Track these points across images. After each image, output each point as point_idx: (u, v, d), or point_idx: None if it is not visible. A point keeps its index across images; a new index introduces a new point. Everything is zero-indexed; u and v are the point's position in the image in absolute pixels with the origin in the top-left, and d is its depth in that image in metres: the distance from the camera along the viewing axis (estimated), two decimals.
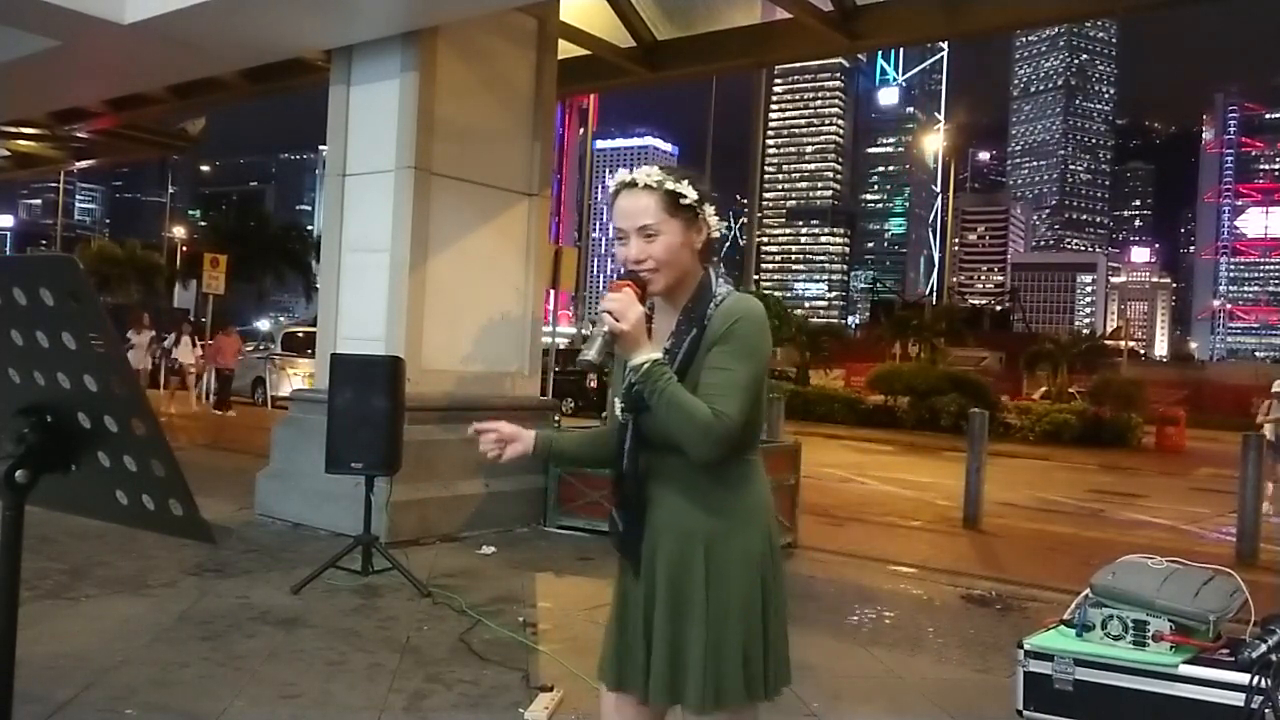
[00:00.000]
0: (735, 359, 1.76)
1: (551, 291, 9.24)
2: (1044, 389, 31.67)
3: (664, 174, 1.85)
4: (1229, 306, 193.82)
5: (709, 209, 1.87)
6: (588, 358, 1.78)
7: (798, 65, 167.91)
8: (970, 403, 19.55)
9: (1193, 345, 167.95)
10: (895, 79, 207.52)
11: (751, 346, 1.79)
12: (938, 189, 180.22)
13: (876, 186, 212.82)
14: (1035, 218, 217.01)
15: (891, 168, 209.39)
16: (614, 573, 2.00)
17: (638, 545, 1.87)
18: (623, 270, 1.86)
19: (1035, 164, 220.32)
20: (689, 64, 9.56)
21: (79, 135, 14.40)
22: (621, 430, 1.87)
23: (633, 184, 1.85)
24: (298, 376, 17.81)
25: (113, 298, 33.24)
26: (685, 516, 1.82)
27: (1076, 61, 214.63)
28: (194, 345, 17.93)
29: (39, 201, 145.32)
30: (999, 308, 77.71)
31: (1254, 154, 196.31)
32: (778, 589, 1.89)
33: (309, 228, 57.89)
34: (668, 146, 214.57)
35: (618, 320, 1.74)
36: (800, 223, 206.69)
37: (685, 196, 1.82)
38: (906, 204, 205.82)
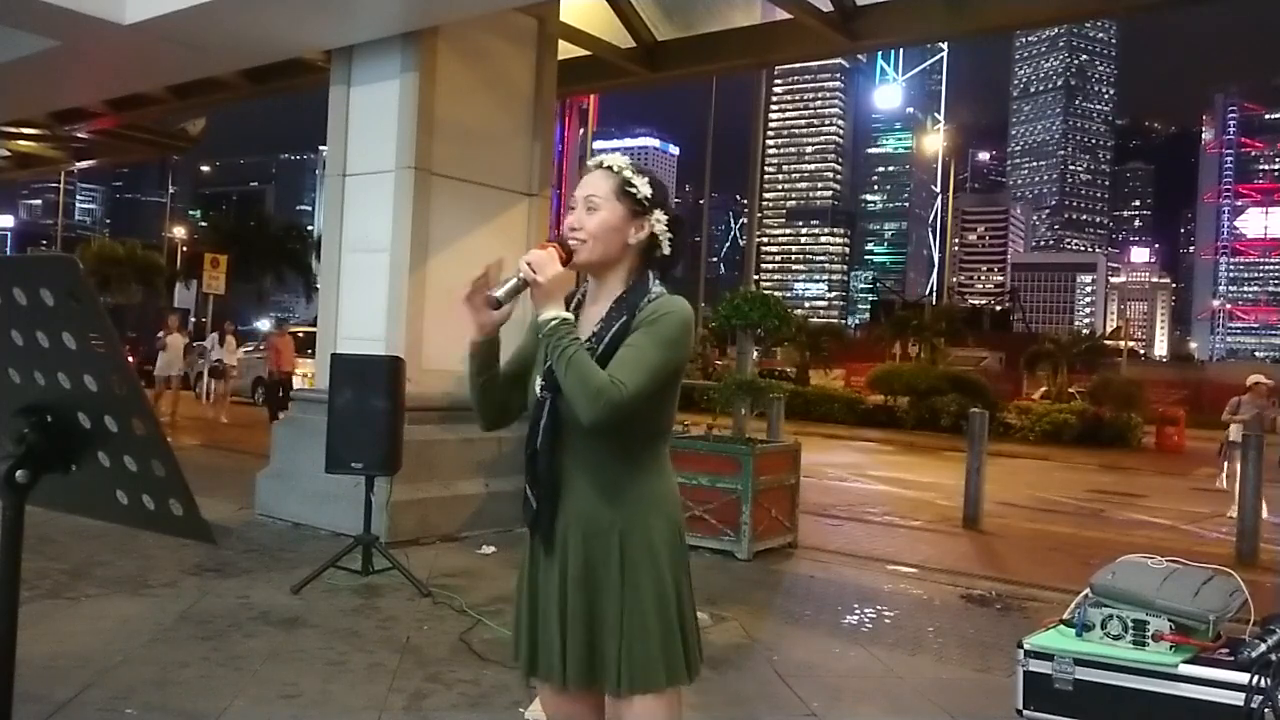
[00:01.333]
0: (650, 341, 1.82)
1: None
2: (1044, 389, 31.67)
3: (631, 167, 1.95)
4: (1229, 306, 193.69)
5: (659, 215, 1.94)
6: (495, 295, 1.87)
7: (798, 65, 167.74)
8: (970, 403, 19.54)
9: (1192, 345, 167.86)
10: (895, 79, 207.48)
11: (670, 338, 1.84)
12: (938, 189, 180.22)
13: (876, 186, 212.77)
14: (1035, 218, 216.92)
15: (891, 168, 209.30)
16: None
17: (550, 525, 1.90)
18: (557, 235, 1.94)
19: (1035, 164, 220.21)
20: (689, 64, 9.55)
21: (79, 135, 14.39)
22: (538, 409, 1.91)
23: (600, 164, 1.96)
24: (298, 376, 17.75)
25: (113, 298, 33.23)
26: (598, 503, 1.87)
27: (1076, 61, 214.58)
28: (238, 346, 17.42)
29: (39, 201, 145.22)
30: (999, 308, 77.75)
31: (1254, 154, 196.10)
32: (687, 576, 1.95)
33: (309, 228, 57.78)
34: (668, 146, 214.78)
35: (535, 272, 1.83)
36: (800, 223, 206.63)
37: (636, 189, 1.91)
38: (907, 204, 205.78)
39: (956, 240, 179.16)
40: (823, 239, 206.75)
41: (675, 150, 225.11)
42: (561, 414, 1.85)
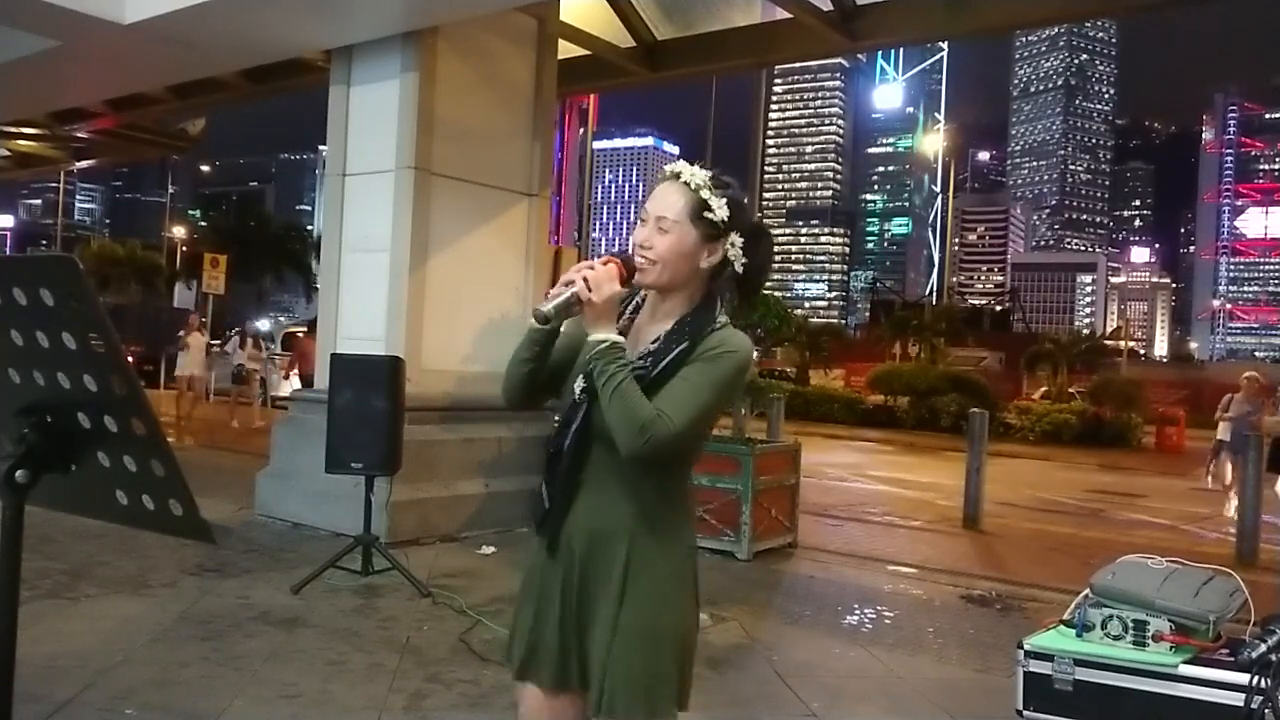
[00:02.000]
0: (706, 380, 1.74)
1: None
2: (1044, 389, 31.67)
3: (709, 183, 1.81)
4: (1229, 306, 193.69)
5: (736, 239, 1.82)
6: (543, 309, 1.76)
7: (798, 65, 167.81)
8: (970, 403, 19.54)
9: (1193, 345, 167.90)
10: (895, 79, 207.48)
11: (726, 381, 1.76)
12: (937, 189, 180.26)
13: (876, 186, 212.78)
14: (1035, 218, 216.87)
15: (891, 168, 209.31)
16: None
17: (558, 527, 1.83)
18: (628, 250, 1.84)
19: (1035, 164, 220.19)
20: (689, 64, 9.55)
21: (79, 135, 14.39)
22: (573, 410, 1.83)
23: (676, 176, 1.83)
24: (298, 376, 17.71)
25: (113, 298, 33.25)
26: (613, 514, 1.80)
27: (1076, 61, 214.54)
28: (259, 349, 17.11)
29: (39, 201, 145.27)
30: (999, 308, 77.72)
31: (1254, 154, 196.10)
32: (694, 605, 1.87)
33: (309, 228, 57.86)
34: (663, 144, 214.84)
35: (590, 289, 1.73)
36: (800, 223, 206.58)
37: (712, 212, 1.79)
38: (907, 204, 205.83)
39: (956, 240, 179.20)
40: (823, 239, 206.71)
41: (675, 150, 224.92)
42: (595, 422, 1.78)
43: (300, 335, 17.26)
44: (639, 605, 1.77)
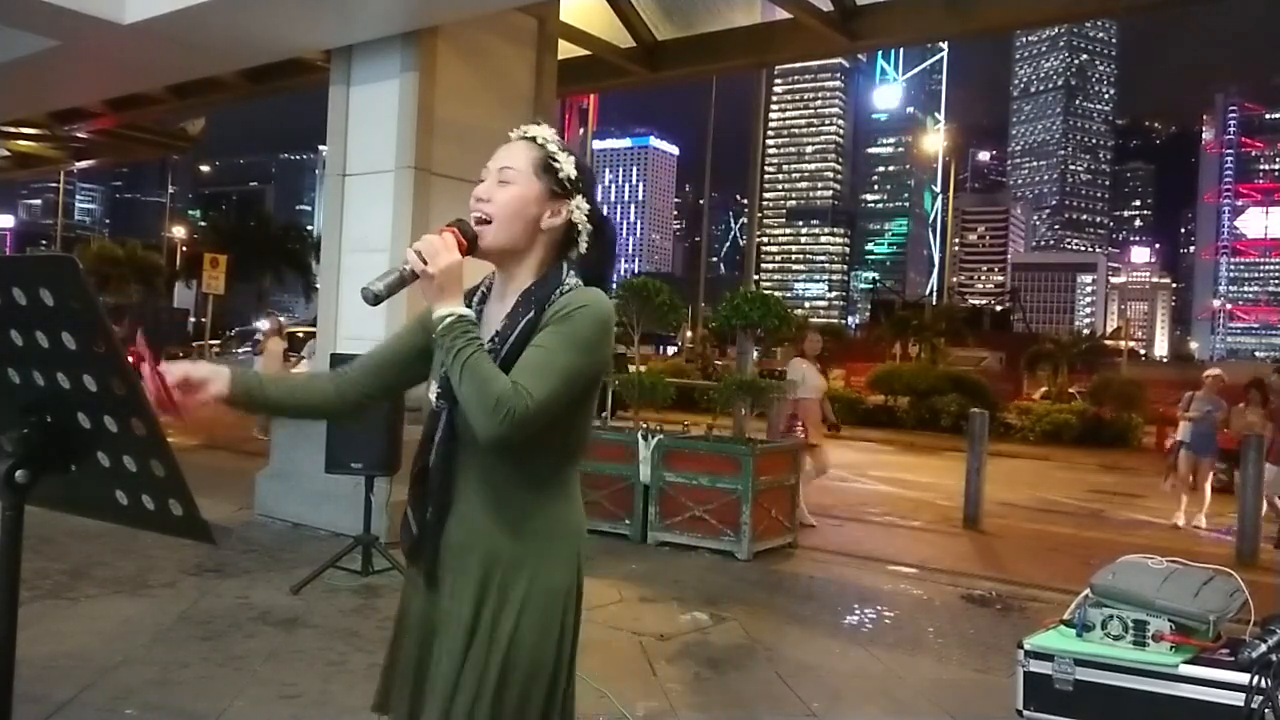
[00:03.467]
0: (560, 342, 1.57)
1: None
2: (1044, 389, 31.65)
3: (558, 142, 1.72)
4: (1229, 306, 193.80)
5: (581, 203, 1.71)
6: (371, 288, 1.60)
7: (798, 65, 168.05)
8: (970, 403, 19.54)
9: (1193, 345, 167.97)
10: (895, 79, 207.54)
11: (583, 339, 1.58)
12: (938, 189, 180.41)
13: (876, 186, 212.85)
14: (1035, 218, 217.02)
15: (891, 168, 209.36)
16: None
17: (432, 554, 1.67)
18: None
19: (1035, 164, 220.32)
20: (689, 64, 9.56)
21: (79, 135, 14.41)
22: (432, 420, 1.68)
23: (523, 134, 1.75)
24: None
25: (113, 298, 33.26)
26: (491, 535, 1.63)
27: (1076, 61, 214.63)
28: None
29: (39, 201, 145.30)
30: (999, 308, 77.74)
31: (1254, 154, 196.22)
32: (575, 625, 1.69)
33: (309, 228, 57.91)
34: (669, 147, 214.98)
35: (425, 262, 1.59)
36: (800, 223, 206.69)
37: (560, 167, 1.69)
38: (907, 204, 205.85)
39: (957, 240, 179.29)
40: (823, 239, 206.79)
41: (675, 150, 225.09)
42: (459, 429, 1.63)
43: (301, 335, 17.29)
44: (509, 649, 1.59)
